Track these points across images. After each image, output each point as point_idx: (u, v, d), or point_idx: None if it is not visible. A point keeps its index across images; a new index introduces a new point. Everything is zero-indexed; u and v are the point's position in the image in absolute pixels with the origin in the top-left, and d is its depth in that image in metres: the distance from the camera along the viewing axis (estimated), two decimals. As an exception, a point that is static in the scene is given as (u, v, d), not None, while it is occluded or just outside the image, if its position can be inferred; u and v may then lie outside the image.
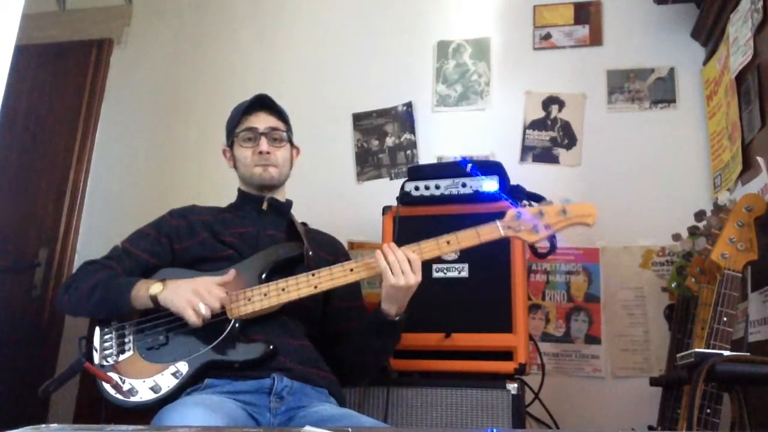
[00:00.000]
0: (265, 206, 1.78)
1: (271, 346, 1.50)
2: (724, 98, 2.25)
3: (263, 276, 1.58)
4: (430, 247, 1.59)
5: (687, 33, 2.58)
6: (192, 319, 1.47)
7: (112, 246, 1.76)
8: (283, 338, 1.57)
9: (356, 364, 1.73)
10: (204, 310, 1.48)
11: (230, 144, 1.84)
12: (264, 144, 1.76)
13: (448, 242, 1.60)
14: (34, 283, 2.91)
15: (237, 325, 1.52)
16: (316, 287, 1.53)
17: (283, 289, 1.52)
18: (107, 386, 1.50)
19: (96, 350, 1.57)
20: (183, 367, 1.48)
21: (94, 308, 1.61)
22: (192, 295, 1.48)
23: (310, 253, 1.65)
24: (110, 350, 1.56)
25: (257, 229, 1.74)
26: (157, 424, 1.35)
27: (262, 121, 1.80)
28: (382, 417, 1.80)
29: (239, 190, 1.86)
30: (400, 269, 1.53)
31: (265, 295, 1.53)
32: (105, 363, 1.54)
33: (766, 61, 1.90)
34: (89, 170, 3.09)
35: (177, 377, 1.47)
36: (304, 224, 1.87)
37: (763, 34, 1.90)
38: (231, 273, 1.55)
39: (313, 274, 1.54)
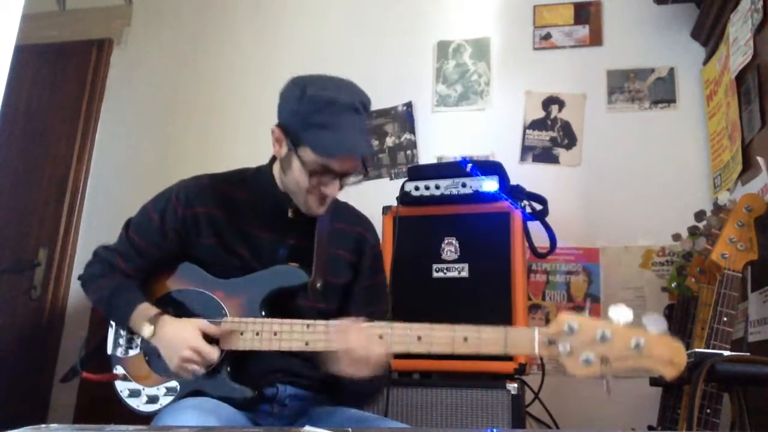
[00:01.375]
0: (291, 215, 1.53)
1: (255, 392, 1.43)
2: (724, 98, 2.25)
3: (263, 302, 1.47)
4: (441, 340, 1.28)
5: (687, 33, 2.58)
6: (186, 377, 1.43)
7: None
8: (284, 359, 1.49)
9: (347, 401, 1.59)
10: (196, 374, 1.41)
11: (289, 144, 1.44)
12: (335, 189, 1.45)
13: (465, 339, 1.25)
14: (34, 283, 2.91)
15: (227, 358, 1.45)
16: (307, 344, 1.38)
17: (275, 334, 1.41)
18: (118, 383, 1.52)
19: (111, 328, 1.58)
20: (176, 386, 1.48)
21: (105, 317, 1.61)
22: (181, 362, 1.39)
23: (318, 285, 1.48)
24: (122, 340, 1.56)
25: (272, 237, 1.53)
26: (156, 423, 1.37)
27: (344, 165, 1.42)
28: (382, 416, 1.80)
29: (271, 173, 1.55)
30: (357, 358, 1.29)
31: (257, 334, 1.42)
32: (117, 354, 1.55)
33: (766, 61, 1.90)
34: (89, 170, 3.09)
35: (171, 394, 1.47)
36: (336, 203, 1.61)
37: (763, 34, 1.90)
38: (225, 327, 1.44)
39: (308, 326, 1.39)
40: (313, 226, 1.54)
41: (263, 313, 1.47)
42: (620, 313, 1.10)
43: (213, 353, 1.40)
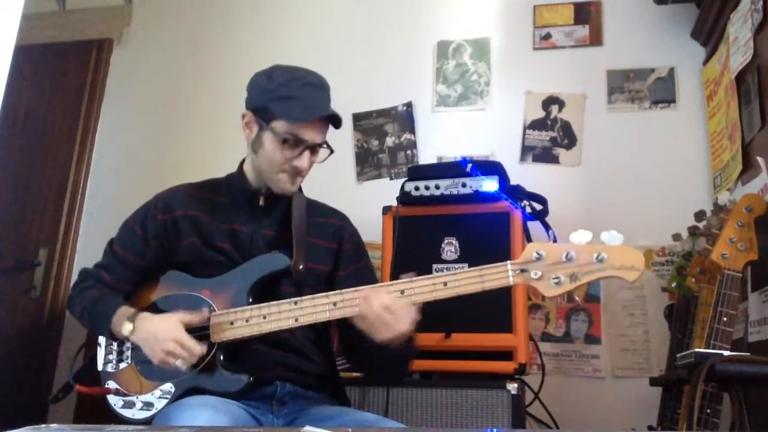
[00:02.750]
0: (262, 202, 1.61)
1: (251, 378, 1.45)
2: (724, 98, 2.25)
3: (249, 291, 1.50)
4: (423, 289, 1.36)
5: (687, 33, 2.58)
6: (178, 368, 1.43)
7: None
8: (279, 353, 1.52)
9: (377, 377, 1.69)
10: (181, 369, 1.42)
11: (259, 122, 1.54)
12: (305, 160, 1.53)
13: (445, 284, 1.35)
14: (34, 283, 2.91)
15: (220, 350, 1.47)
16: (297, 320, 1.43)
17: (264, 317, 1.44)
18: (110, 397, 1.53)
19: (101, 348, 1.59)
20: (170, 388, 1.49)
21: (90, 331, 1.63)
22: (166, 356, 1.41)
23: (300, 267, 1.53)
24: (112, 356, 1.57)
25: (251, 228, 1.59)
26: (162, 421, 1.37)
27: (313, 133, 1.51)
28: (382, 416, 1.80)
29: (242, 171, 1.65)
30: (382, 323, 1.33)
31: (247, 321, 1.45)
32: (108, 370, 1.57)
33: (766, 61, 1.90)
34: (89, 170, 3.09)
35: (165, 397, 1.48)
36: (309, 202, 1.70)
37: (763, 34, 1.90)
38: (204, 314, 1.47)
39: (295, 303, 1.43)
40: (289, 217, 1.61)
41: (250, 301, 1.49)
42: (580, 236, 1.25)
43: (196, 347, 1.42)
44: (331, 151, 1.59)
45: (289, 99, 1.50)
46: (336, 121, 1.54)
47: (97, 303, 1.55)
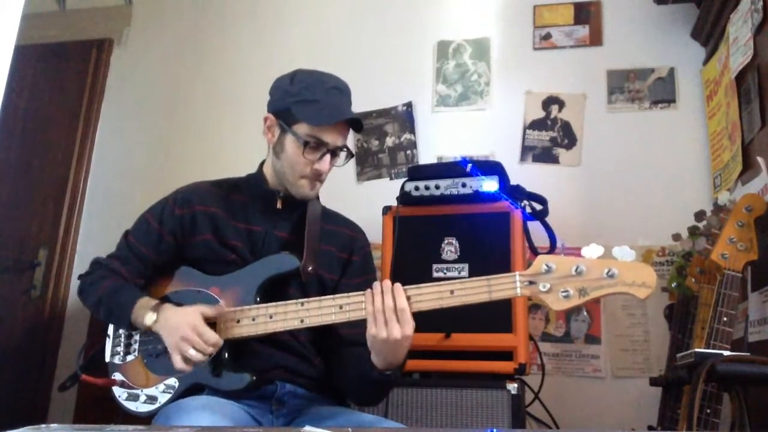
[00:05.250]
0: (279, 205, 1.62)
1: (254, 377, 1.45)
2: (724, 98, 2.25)
3: (257, 290, 1.50)
4: (429, 296, 1.33)
5: (687, 33, 2.59)
6: (179, 365, 1.41)
7: (114, 242, 1.69)
8: (282, 356, 1.52)
9: (350, 395, 1.63)
10: (195, 358, 1.40)
11: (282, 125, 1.55)
12: (326, 164, 1.55)
13: (452, 292, 1.32)
14: (33, 283, 2.91)
15: (225, 348, 1.46)
16: (302, 321, 1.42)
17: (271, 317, 1.44)
18: (115, 389, 1.54)
19: (109, 339, 1.60)
20: (174, 383, 1.49)
21: (104, 320, 1.62)
22: (181, 341, 1.40)
23: (309, 269, 1.53)
24: (119, 348, 1.58)
25: (266, 228, 1.60)
26: (162, 421, 1.37)
27: (335, 136, 1.53)
28: (382, 417, 1.80)
29: (262, 172, 1.66)
30: (384, 319, 1.31)
31: (253, 320, 1.45)
32: (115, 362, 1.57)
33: (766, 61, 1.90)
34: (89, 170, 3.09)
35: (169, 392, 1.49)
36: (324, 209, 1.71)
37: (763, 34, 1.90)
38: (221, 307, 1.47)
39: (302, 304, 1.42)
40: (303, 220, 1.61)
41: (258, 300, 1.49)
42: (591, 250, 1.23)
43: (213, 336, 1.41)
44: (352, 155, 1.61)
45: (311, 102, 1.51)
46: (357, 125, 1.55)
47: (117, 292, 1.54)
